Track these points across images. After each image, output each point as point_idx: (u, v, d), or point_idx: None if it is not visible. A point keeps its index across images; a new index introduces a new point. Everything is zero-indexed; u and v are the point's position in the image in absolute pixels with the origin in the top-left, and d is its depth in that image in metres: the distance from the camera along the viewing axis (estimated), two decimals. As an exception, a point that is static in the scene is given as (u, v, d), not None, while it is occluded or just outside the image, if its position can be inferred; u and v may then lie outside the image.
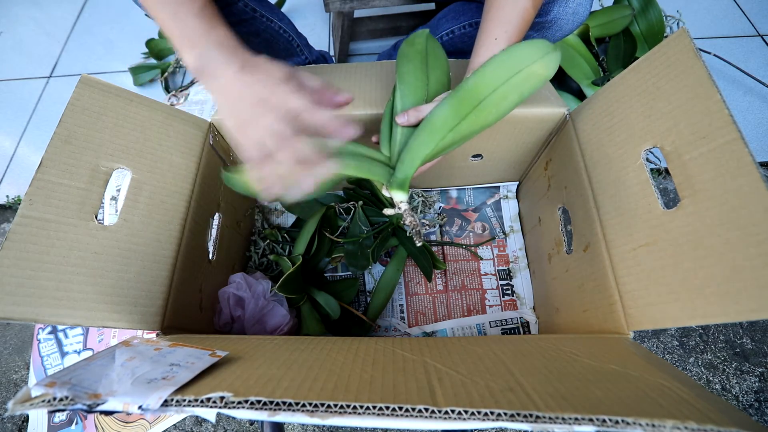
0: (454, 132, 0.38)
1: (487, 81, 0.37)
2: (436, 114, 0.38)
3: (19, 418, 0.64)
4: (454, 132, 0.38)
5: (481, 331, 0.64)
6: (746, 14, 0.99)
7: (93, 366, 0.25)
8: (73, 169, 0.38)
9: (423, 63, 0.43)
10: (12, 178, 0.89)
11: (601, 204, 0.43)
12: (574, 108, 0.49)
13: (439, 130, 0.38)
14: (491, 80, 0.37)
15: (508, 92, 0.37)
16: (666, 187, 0.80)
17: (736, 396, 0.64)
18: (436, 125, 0.38)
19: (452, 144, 0.40)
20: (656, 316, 0.35)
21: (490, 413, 0.21)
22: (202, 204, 0.48)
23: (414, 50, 0.43)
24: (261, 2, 0.54)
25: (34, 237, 0.35)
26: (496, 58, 0.37)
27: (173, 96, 0.91)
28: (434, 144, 0.38)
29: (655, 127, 0.37)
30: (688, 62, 0.35)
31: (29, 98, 0.99)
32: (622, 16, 0.82)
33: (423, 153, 0.39)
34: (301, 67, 0.63)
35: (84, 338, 0.68)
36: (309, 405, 0.21)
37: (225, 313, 0.52)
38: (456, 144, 0.40)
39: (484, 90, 0.37)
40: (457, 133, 0.38)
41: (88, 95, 0.40)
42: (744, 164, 0.29)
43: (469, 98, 0.37)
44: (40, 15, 1.14)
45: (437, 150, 0.39)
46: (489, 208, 0.73)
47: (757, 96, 0.87)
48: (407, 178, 0.41)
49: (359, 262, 0.61)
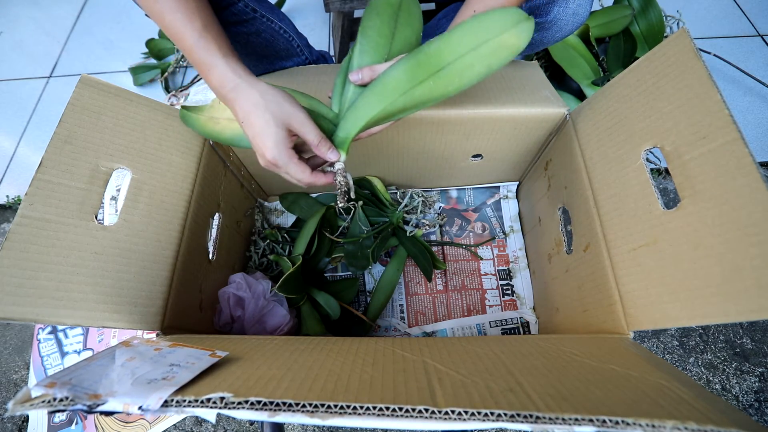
0: (407, 96, 0.35)
1: (452, 47, 0.34)
2: (389, 75, 0.36)
3: (19, 418, 0.64)
4: (406, 96, 0.35)
5: (481, 331, 0.65)
6: (746, 14, 0.99)
7: (93, 366, 0.25)
8: (73, 169, 0.38)
9: (392, 18, 0.40)
10: (12, 178, 0.89)
11: (601, 204, 0.43)
12: (574, 108, 0.49)
13: (390, 93, 0.35)
14: (457, 46, 0.34)
15: (474, 62, 0.34)
16: (666, 187, 0.80)
17: (736, 396, 0.64)
18: (387, 87, 0.36)
19: (404, 110, 0.37)
20: (656, 317, 0.35)
21: (490, 414, 0.21)
22: (202, 204, 0.48)
23: (385, 2, 0.40)
24: (261, 2, 0.54)
25: (34, 237, 0.35)
26: (465, 23, 0.34)
27: (173, 96, 0.91)
28: (382, 106, 0.36)
29: (655, 127, 0.37)
30: (688, 62, 0.35)
31: (29, 98, 0.99)
32: (622, 16, 0.82)
33: (368, 114, 0.37)
34: (301, 67, 0.63)
35: (84, 338, 0.68)
36: (309, 405, 0.21)
37: (225, 313, 0.52)
38: (409, 110, 0.37)
39: (448, 56, 0.34)
40: (410, 99, 0.35)
41: (88, 95, 0.40)
42: (744, 164, 0.29)
43: (429, 63, 0.34)
44: (40, 15, 1.14)
45: (386, 114, 0.37)
46: (489, 208, 0.73)
47: (757, 96, 0.87)
48: (348, 138, 0.38)
49: (359, 262, 0.61)
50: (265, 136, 0.35)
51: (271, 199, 0.74)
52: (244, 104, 0.36)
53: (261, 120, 0.35)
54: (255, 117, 0.35)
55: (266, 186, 0.70)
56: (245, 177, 0.62)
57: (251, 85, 0.36)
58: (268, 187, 0.70)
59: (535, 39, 0.55)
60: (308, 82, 0.55)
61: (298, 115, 0.36)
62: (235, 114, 0.37)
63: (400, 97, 0.35)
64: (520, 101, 0.50)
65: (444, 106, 0.48)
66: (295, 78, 0.58)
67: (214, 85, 0.37)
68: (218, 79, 0.36)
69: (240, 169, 0.60)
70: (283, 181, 0.68)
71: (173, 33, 0.36)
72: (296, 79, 0.58)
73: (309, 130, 0.36)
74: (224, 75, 0.36)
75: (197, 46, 0.36)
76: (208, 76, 0.37)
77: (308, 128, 0.36)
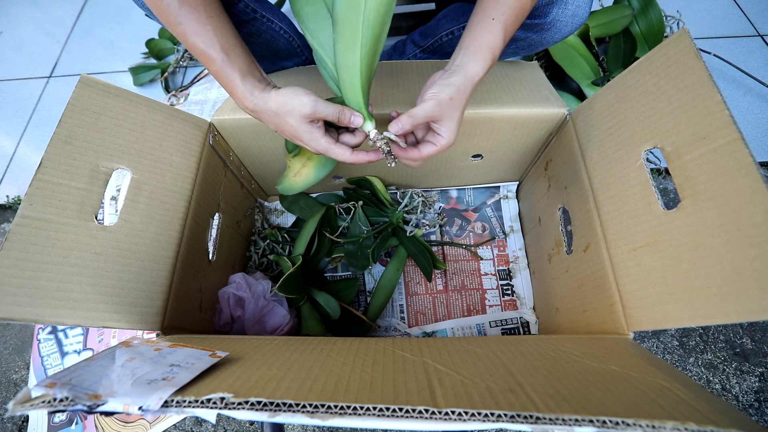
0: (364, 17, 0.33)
1: None
2: (336, 15, 0.34)
3: (19, 418, 0.64)
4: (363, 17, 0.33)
5: (481, 331, 0.65)
6: (746, 14, 0.99)
7: (93, 366, 0.25)
8: (73, 170, 0.38)
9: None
10: (12, 178, 0.89)
11: (601, 204, 0.43)
12: (574, 108, 0.49)
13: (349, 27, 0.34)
14: None
15: None
16: (666, 187, 0.80)
17: (736, 396, 0.64)
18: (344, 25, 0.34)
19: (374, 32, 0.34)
20: (656, 317, 0.35)
21: (490, 414, 0.21)
22: (202, 204, 0.48)
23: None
24: (261, 3, 0.54)
25: (34, 237, 0.35)
26: None
27: (173, 96, 0.91)
28: (357, 46, 0.34)
29: (656, 128, 0.37)
30: (689, 62, 0.35)
31: (29, 98, 0.99)
32: (622, 16, 0.82)
33: (354, 63, 0.35)
34: (302, 67, 0.62)
35: (84, 338, 0.68)
36: (309, 406, 0.21)
37: (225, 313, 0.52)
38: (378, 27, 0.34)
39: None
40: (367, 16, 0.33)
41: (88, 95, 0.40)
42: (744, 165, 0.29)
43: None
44: (40, 15, 1.13)
45: (366, 50, 0.35)
46: (489, 208, 0.73)
47: (757, 96, 0.87)
48: (360, 105, 0.39)
49: (359, 262, 0.61)
50: (299, 137, 0.39)
51: (271, 199, 0.74)
52: (269, 120, 0.39)
53: (288, 126, 0.38)
54: (283, 127, 0.39)
55: (266, 186, 0.70)
56: (245, 177, 0.62)
57: (266, 102, 0.38)
58: (268, 187, 0.70)
59: (534, 40, 0.55)
60: (308, 82, 0.55)
61: (310, 104, 0.37)
62: (269, 125, 0.41)
63: (359, 23, 0.33)
64: (520, 101, 0.50)
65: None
66: (295, 78, 0.58)
67: (241, 105, 0.40)
68: (240, 100, 0.39)
69: (240, 169, 0.60)
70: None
71: (198, 55, 0.39)
72: (296, 79, 0.58)
73: (323, 110, 0.38)
74: (244, 97, 0.38)
75: (221, 72, 0.38)
76: (234, 96, 0.40)
77: (322, 108, 0.38)
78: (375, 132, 0.40)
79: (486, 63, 0.38)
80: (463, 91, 0.37)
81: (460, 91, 0.37)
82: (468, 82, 0.37)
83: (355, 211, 0.65)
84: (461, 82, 0.37)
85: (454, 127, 0.39)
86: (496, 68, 0.55)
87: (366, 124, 0.40)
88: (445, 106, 0.37)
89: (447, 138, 0.39)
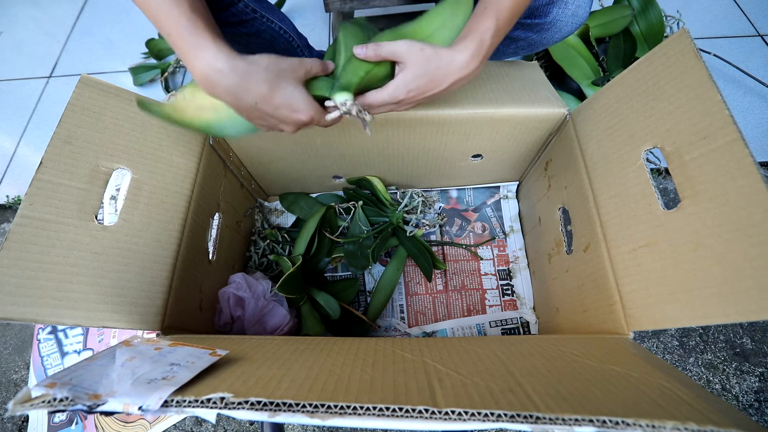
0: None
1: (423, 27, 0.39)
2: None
3: (19, 418, 0.64)
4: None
5: (481, 331, 0.65)
6: (746, 14, 0.99)
7: (93, 366, 0.25)
8: (73, 170, 0.38)
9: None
10: (12, 178, 0.89)
11: (601, 204, 0.43)
12: (574, 108, 0.49)
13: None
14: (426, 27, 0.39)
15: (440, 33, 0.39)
16: (666, 187, 0.80)
17: (736, 396, 0.64)
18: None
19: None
20: (656, 317, 0.35)
21: (490, 414, 0.21)
22: (202, 204, 0.48)
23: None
24: (261, 2, 0.54)
25: (34, 237, 0.35)
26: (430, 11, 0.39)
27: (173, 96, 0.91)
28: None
29: (656, 128, 0.37)
30: (689, 62, 0.35)
31: (29, 98, 0.99)
32: (622, 16, 0.82)
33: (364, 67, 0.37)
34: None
35: (84, 338, 0.68)
36: (309, 406, 0.21)
37: (225, 313, 0.52)
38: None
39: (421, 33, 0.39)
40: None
41: (87, 95, 0.40)
42: (744, 165, 0.29)
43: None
44: (40, 15, 1.13)
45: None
46: (489, 208, 0.73)
47: (757, 96, 0.87)
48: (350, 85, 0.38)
49: (359, 262, 0.61)
50: (293, 101, 0.35)
51: (271, 199, 0.74)
52: (251, 88, 0.33)
53: (278, 93, 0.34)
54: (275, 92, 0.34)
55: (266, 186, 0.70)
56: (245, 177, 0.62)
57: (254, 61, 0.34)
58: (268, 187, 0.70)
59: (534, 40, 0.55)
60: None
61: (294, 60, 0.36)
62: (239, 98, 0.34)
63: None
64: (520, 101, 0.50)
65: (444, 106, 0.48)
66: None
67: (209, 70, 0.33)
68: (211, 63, 0.32)
69: (240, 169, 0.60)
70: (283, 181, 0.68)
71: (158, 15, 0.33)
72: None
73: (309, 62, 0.36)
74: (216, 58, 0.32)
75: (187, 30, 0.33)
76: (201, 62, 0.33)
77: (309, 62, 0.36)
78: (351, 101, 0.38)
79: (472, 48, 0.36)
80: (439, 57, 0.36)
81: (437, 56, 0.36)
82: (448, 58, 0.36)
83: (355, 211, 0.65)
84: (444, 52, 0.36)
85: (410, 80, 0.36)
86: (496, 68, 0.55)
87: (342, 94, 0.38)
88: (414, 53, 0.35)
89: (395, 84, 0.37)
